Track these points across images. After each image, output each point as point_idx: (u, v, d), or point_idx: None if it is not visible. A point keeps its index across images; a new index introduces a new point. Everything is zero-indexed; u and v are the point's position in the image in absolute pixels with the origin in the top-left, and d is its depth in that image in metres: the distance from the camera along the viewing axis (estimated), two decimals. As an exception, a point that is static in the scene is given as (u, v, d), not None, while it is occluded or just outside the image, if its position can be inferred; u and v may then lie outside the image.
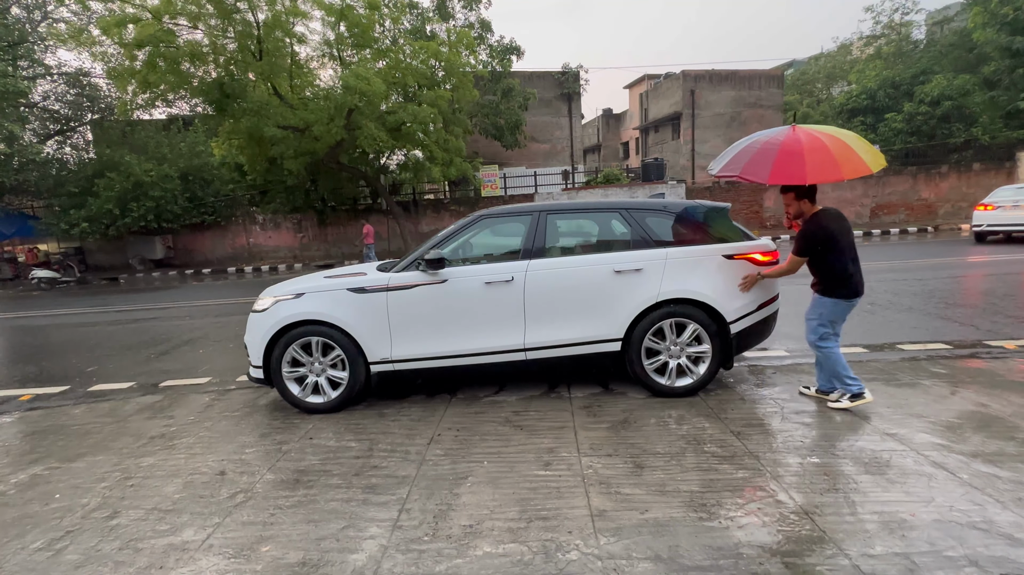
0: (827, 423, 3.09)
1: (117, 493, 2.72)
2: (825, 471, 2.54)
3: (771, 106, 25.76)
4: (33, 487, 2.86)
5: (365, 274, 3.78)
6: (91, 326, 8.24)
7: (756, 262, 3.63)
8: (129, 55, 12.90)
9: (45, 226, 17.68)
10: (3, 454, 3.35)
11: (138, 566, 2.12)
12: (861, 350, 4.54)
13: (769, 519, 2.19)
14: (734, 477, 2.54)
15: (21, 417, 4.08)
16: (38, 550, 2.27)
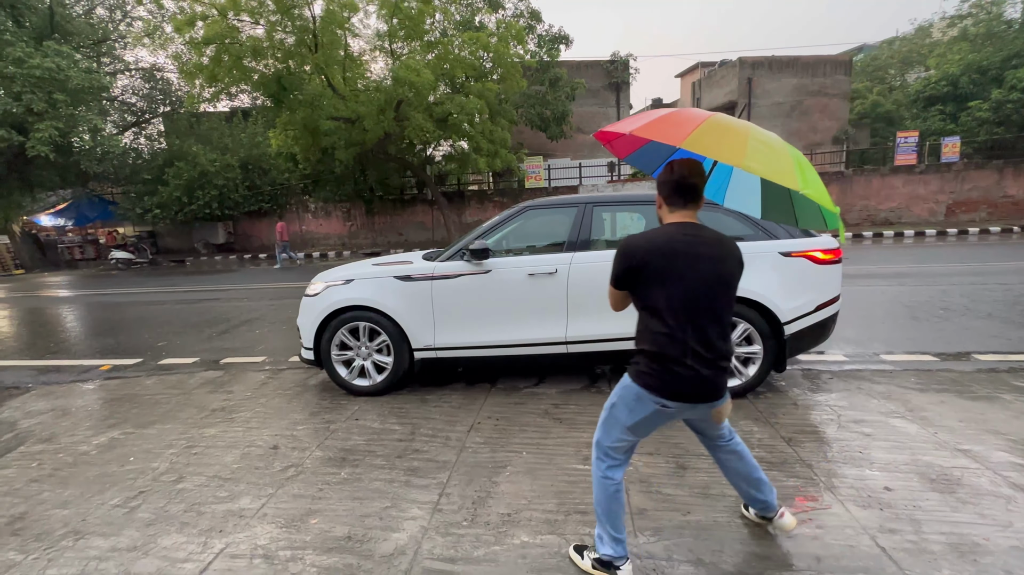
0: (890, 435, 2.89)
1: (183, 459, 2.94)
2: (887, 485, 2.38)
3: (836, 94, 24.09)
4: (111, 449, 3.13)
5: (411, 263, 3.86)
6: (161, 304, 8.90)
7: (816, 260, 3.43)
8: (198, 51, 13.68)
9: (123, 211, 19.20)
10: (86, 418, 3.69)
11: (200, 528, 2.28)
12: (931, 358, 4.21)
13: (822, 531, 2.08)
14: (784, 485, 2.43)
15: (101, 385, 4.47)
16: (116, 506, 2.48)
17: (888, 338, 4.80)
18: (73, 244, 20.12)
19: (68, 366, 5.20)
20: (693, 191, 1.75)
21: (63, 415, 3.75)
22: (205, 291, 10.27)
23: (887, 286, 7.24)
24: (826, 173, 17.65)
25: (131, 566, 2.04)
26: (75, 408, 3.89)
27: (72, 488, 2.68)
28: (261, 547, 2.12)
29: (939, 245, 12.35)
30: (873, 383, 3.67)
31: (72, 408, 3.89)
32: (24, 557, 2.14)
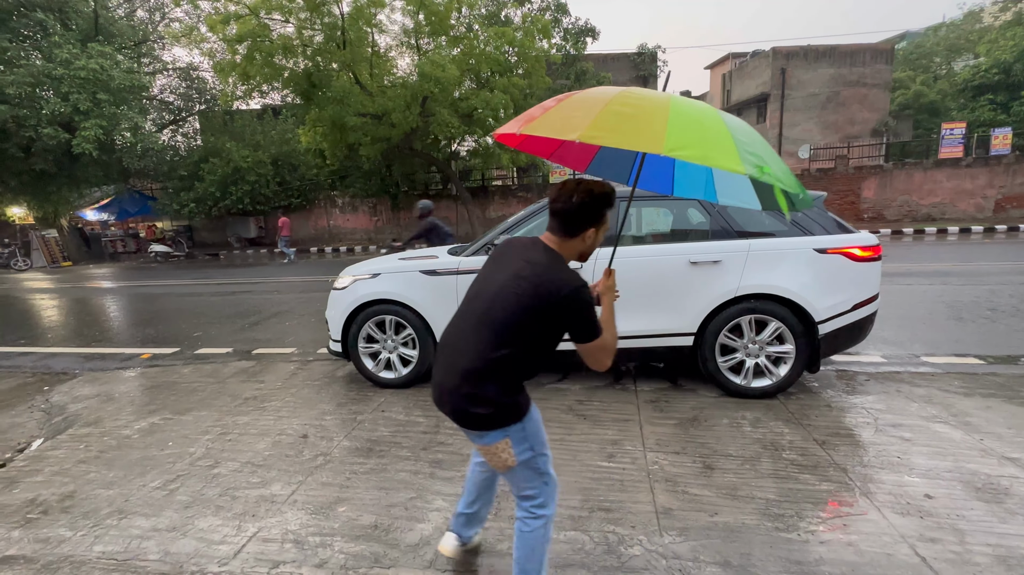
0: (932, 440, 2.77)
1: (218, 446, 3.05)
2: (927, 493, 2.29)
3: (876, 84, 23.05)
4: (152, 434, 3.27)
5: (437, 257, 3.89)
6: (196, 296, 9.24)
7: (854, 257, 3.30)
8: (231, 50, 14.07)
9: (161, 206, 19.95)
10: (128, 403, 3.86)
11: (235, 511, 2.36)
12: (976, 361, 4.01)
13: (857, 538, 2.01)
14: (817, 489, 2.36)
15: (142, 373, 4.68)
16: (156, 489, 2.60)
17: (930, 339, 4.59)
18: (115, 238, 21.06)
19: (112, 354, 5.45)
20: (555, 216, 1.51)
21: (108, 400, 3.94)
22: (237, 283, 10.60)
23: (929, 285, 6.91)
24: (863, 167, 16.95)
25: (170, 546, 2.14)
26: (118, 394, 4.08)
27: (116, 470, 2.81)
28: (292, 532, 2.18)
29: (986, 242, 11.72)
30: (913, 386, 3.52)
31: (116, 394, 4.08)
32: (73, 533, 2.26)
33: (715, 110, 1.52)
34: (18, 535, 2.27)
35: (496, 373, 1.46)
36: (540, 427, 1.61)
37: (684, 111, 1.42)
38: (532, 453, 1.55)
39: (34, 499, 2.55)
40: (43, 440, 3.29)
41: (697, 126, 1.39)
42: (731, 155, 1.34)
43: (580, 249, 1.55)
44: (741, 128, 1.49)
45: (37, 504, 2.51)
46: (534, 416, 1.58)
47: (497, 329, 1.46)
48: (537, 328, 1.45)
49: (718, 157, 1.33)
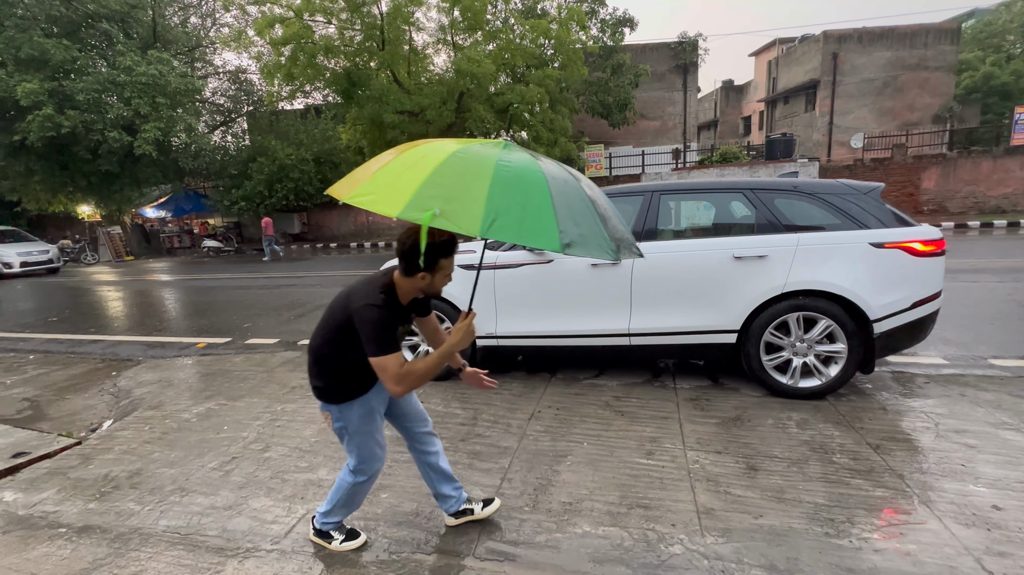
0: (1001, 448, 2.58)
1: (268, 431, 3.21)
2: (995, 503, 2.14)
3: (940, 67, 21.47)
4: (208, 418, 3.48)
5: (475, 252, 3.93)
6: (245, 289, 9.70)
7: (915, 252, 3.11)
8: (276, 52, 14.63)
9: (213, 203, 21.06)
10: (186, 389, 4.11)
11: (285, 494, 2.48)
12: (1019, 362, 3.70)
13: (915, 547, 1.91)
14: (871, 495, 2.25)
15: (198, 360, 4.97)
16: (213, 469, 2.76)
17: (999, 340, 4.27)
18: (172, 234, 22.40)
19: (170, 342, 5.81)
20: (397, 253, 1.73)
21: (168, 386, 4.21)
22: (283, 277, 11.07)
23: (998, 282, 6.41)
24: (923, 156, 15.86)
25: (227, 523, 2.27)
26: (177, 380, 4.35)
27: (177, 451, 3.01)
28: (338, 516, 2.27)
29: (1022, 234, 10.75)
30: (979, 390, 3.29)
31: (175, 380, 4.36)
32: (141, 507, 2.43)
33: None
34: (94, 507, 2.46)
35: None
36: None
37: (403, 160, 1.52)
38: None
39: (107, 475, 2.77)
40: (112, 421, 3.55)
41: (402, 171, 1.48)
42: (399, 198, 1.38)
43: (419, 286, 1.74)
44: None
45: (109, 479, 2.72)
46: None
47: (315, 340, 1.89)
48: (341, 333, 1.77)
49: (381, 201, 1.42)
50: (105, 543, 2.18)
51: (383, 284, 1.74)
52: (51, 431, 3.38)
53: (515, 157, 1.52)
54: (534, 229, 1.36)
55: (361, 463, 1.96)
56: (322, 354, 1.85)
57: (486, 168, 1.44)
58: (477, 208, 1.34)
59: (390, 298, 1.73)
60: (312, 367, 1.92)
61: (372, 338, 1.66)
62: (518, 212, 1.36)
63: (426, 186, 1.38)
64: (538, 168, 1.49)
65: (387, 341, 1.66)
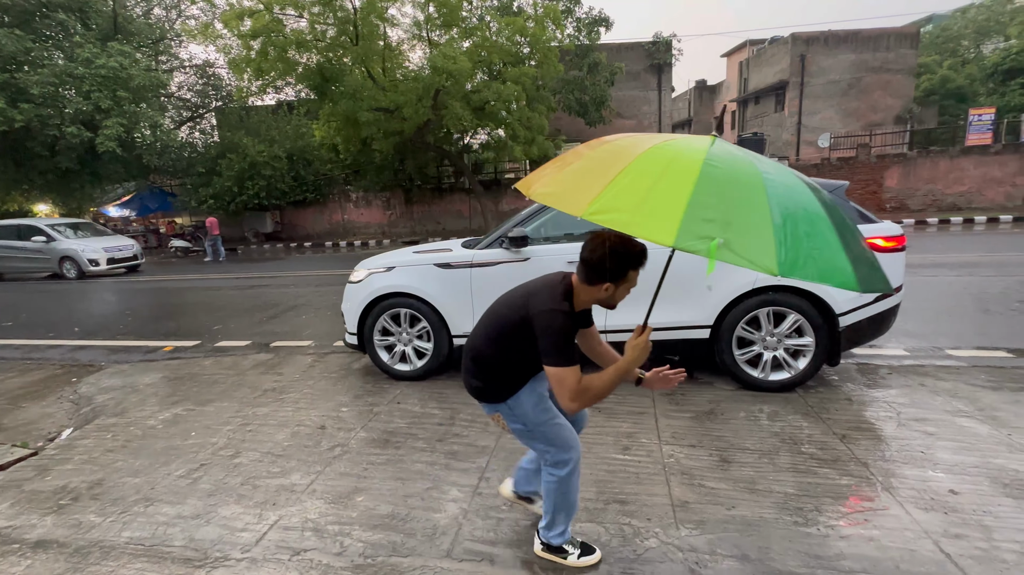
0: (957, 435, 2.70)
1: (239, 436, 3.11)
2: (952, 488, 2.24)
3: (901, 70, 22.32)
4: (175, 424, 3.36)
5: (451, 250, 3.90)
6: (215, 290, 9.42)
7: (877, 248, 3.22)
8: (245, 45, 14.20)
9: (180, 202, 20.36)
10: (152, 395, 3.96)
11: (256, 500, 2.41)
12: (1005, 354, 3.90)
13: (879, 533, 1.98)
14: (837, 483, 2.32)
15: (165, 364, 4.79)
16: (180, 477, 2.67)
17: (956, 332, 4.47)
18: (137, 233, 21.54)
19: (135, 346, 5.59)
20: (581, 262, 1.62)
21: (133, 391, 4.05)
22: (255, 278, 10.78)
23: (955, 277, 6.72)
24: (886, 155, 16.48)
25: (195, 532, 2.19)
26: (143, 385, 4.19)
27: (142, 459, 2.89)
28: (311, 521, 2.23)
29: (1016, 232, 11.34)
30: (938, 379, 3.43)
31: (140, 385, 4.19)
32: (103, 519, 2.33)
33: (729, 163, 1.27)
34: (51, 521, 2.35)
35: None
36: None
37: (646, 167, 1.27)
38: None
39: (65, 486, 2.64)
40: (72, 429, 3.40)
41: (649, 184, 1.22)
42: (668, 222, 1.14)
43: (599, 297, 1.63)
44: (733, 186, 1.22)
45: (68, 491, 2.60)
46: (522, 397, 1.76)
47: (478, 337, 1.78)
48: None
49: (646, 225, 1.16)
50: (63, 558, 2.08)
51: (564, 290, 1.63)
52: (4, 442, 3.21)
53: (764, 165, 1.30)
54: (830, 264, 1.15)
55: (560, 453, 1.75)
56: (485, 354, 1.74)
57: (754, 182, 1.21)
58: (765, 235, 1.13)
59: (571, 305, 1.62)
60: (470, 367, 1.79)
61: (555, 346, 1.54)
62: (806, 241, 1.15)
63: (693, 207, 1.15)
64: (795, 178, 1.29)
65: (569, 351, 1.56)
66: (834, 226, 1.22)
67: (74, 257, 12.45)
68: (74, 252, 12.47)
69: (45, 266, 12.75)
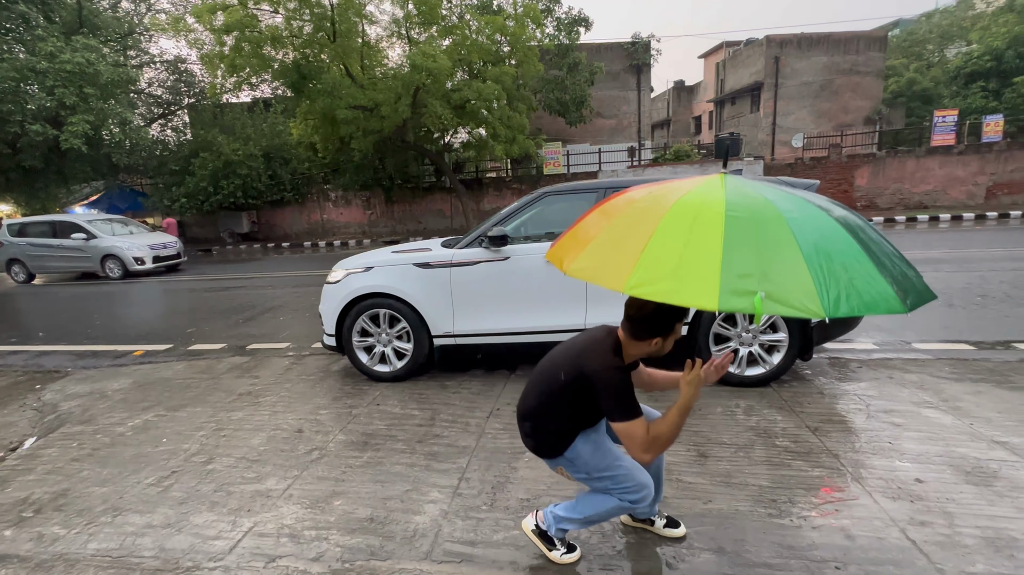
0: (923, 426, 2.80)
1: (212, 441, 3.04)
2: (918, 477, 2.31)
3: (870, 72, 23.03)
4: (145, 431, 3.26)
5: (430, 250, 3.87)
6: (189, 292, 9.17)
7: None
8: (219, 40, 13.85)
9: (151, 202, 19.74)
10: (122, 401, 3.84)
11: (230, 507, 2.36)
12: (967, 347, 4.05)
13: (849, 523, 2.04)
14: (809, 475, 2.38)
15: (135, 369, 4.64)
16: (150, 485, 2.59)
17: (922, 326, 4.63)
18: (106, 234, 20.82)
19: (104, 351, 5.41)
20: (627, 318, 1.63)
21: (100, 398, 3.91)
22: (230, 279, 10.53)
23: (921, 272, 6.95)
24: (857, 155, 16.98)
25: (165, 542, 2.13)
26: (111, 391, 4.05)
27: (110, 467, 2.80)
28: (287, 527, 2.19)
29: (977, 229, 11.81)
30: (904, 372, 3.55)
31: (108, 391, 4.06)
32: (67, 531, 2.25)
33: (744, 200, 1.27)
34: (11, 534, 2.25)
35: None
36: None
37: (672, 229, 1.25)
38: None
39: (27, 498, 2.54)
40: (36, 439, 3.27)
41: (680, 247, 1.21)
42: (707, 285, 1.14)
43: (648, 351, 1.64)
44: (763, 228, 1.21)
45: (30, 503, 2.49)
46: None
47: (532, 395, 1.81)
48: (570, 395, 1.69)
49: (688, 291, 1.16)
50: (24, 573, 2.00)
51: (612, 345, 1.65)
52: (-39, 453, 3.07)
53: (779, 199, 1.28)
54: (872, 292, 1.13)
55: (632, 493, 1.72)
56: (537, 413, 1.78)
57: (777, 222, 1.20)
58: (804, 278, 1.11)
59: (622, 359, 1.64)
60: (525, 428, 1.83)
61: (619, 403, 1.56)
62: (843, 274, 1.13)
63: (728, 263, 1.15)
64: (810, 205, 1.28)
65: (633, 405, 1.57)
66: (862, 247, 1.20)
67: (119, 255, 11.46)
68: (119, 250, 11.49)
69: (84, 265, 11.73)
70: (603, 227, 1.42)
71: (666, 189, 1.43)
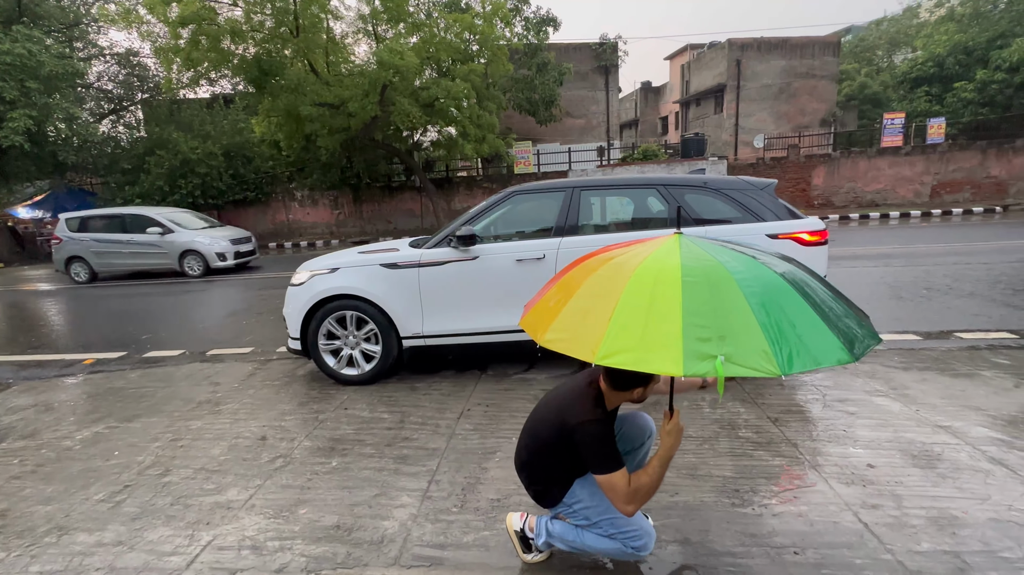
0: (874, 413, 2.94)
1: (169, 453, 2.90)
2: (870, 462, 2.43)
3: (825, 76, 24.07)
4: (95, 444, 3.08)
5: (398, 250, 3.81)
6: (146, 296, 8.75)
7: (803, 242, 3.44)
8: (173, 33, 13.24)
9: (102, 202, 18.72)
10: (69, 412, 3.62)
11: (187, 520, 2.26)
12: (914, 337, 4.28)
13: (807, 508, 2.12)
14: (770, 464, 2.46)
15: (85, 379, 4.40)
16: (100, 501, 2.45)
17: (873, 318, 4.81)
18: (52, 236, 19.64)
19: (50, 360, 5.10)
20: (606, 371, 1.66)
21: (46, 410, 3.68)
22: (191, 282, 10.11)
23: (873, 267, 7.32)
24: (813, 156, 17.71)
25: (116, 561, 2.02)
26: (58, 403, 3.82)
27: (55, 484, 2.64)
28: (249, 538, 2.11)
29: (923, 226, 12.50)
30: (858, 363, 3.72)
31: (55, 403, 3.82)
32: (7, 554, 2.10)
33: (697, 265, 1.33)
34: (-58, 560, 2.09)
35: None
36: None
37: (635, 297, 1.30)
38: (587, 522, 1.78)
39: (-39, 520, 2.36)
40: (-29, 456, 3.04)
41: (643, 315, 1.26)
42: (671, 352, 1.19)
43: (630, 398, 1.67)
44: (713, 293, 1.26)
45: (-36, 526, 2.32)
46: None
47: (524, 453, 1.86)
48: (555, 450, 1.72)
49: (654, 359, 1.21)
50: (-43, 601, 1.86)
51: (593, 396, 1.67)
52: None
53: (728, 259, 1.35)
54: (820, 346, 1.18)
55: (635, 539, 1.70)
56: (533, 465, 1.82)
57: (727, 284, 1.26)
58: (758, 339, 1.16)
59: (604, 410, 1.66)
60: (523, 479, 1.88)
61: (599, 456, 1.59)
62: (791, 332, 1.18)
63: (688, 328, 1.20)
64: (758, 265, 1.34)
65: (614, 456, 1.59)
66: (807, 301, 1.27)
67: (201, 251, 10.62)
68: (200, 245, 10.65)
69: (160, 262, 10.85)
70: (571, 295, 1.47)
71: (627, 255, 1.49)
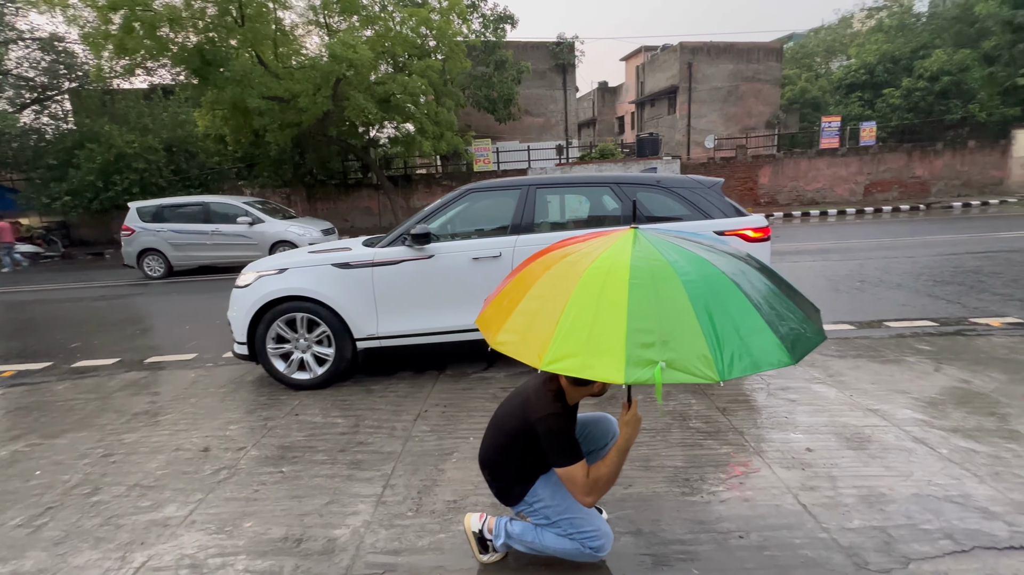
0: (813, 399, 3.11)
1: (99, 470, 2.70)
2: (808, 446, 2.57)
3: (769, 80, 25.31)
4: (13, 464, 2.82)
5: (350, 249, 3.70)
6: (75, 301, 8.11)
7: (748, 238, 3.59)
8: (103, 19, 12.30)
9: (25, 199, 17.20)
10: (-17, 431, 3.30)
11: (119, 542, 2.10)
12: (849, 327, 4.57)
13: (751, 493, 2.21)
14: (718, 452, 2.56)
15: (3, 394, 4.02)
16: (17, 527, 2.24)
17: (812, 310, 5.15)
18: (-34, 237, 17.86)
19: (-39, 374, 4.63)
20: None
21: (-46, 429, 3.34)
22: (127, 285, 9.45)
23: (812, 261, 7.77)
24: (759, 156, 18.60)
25: (36, 590, 1.86)
26: (-31, 421, 3.47)
27: (-36, 510, 2.39)
28: (188, 556, 1.99)
29: (857, 223, 13.39)
30: (799, 352, 3.93)
31: (-35, 421, 3.47)
32: (-97, 592, 1.89)
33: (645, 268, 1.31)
34: None
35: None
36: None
37: (583, 300, 1.29)
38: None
39: None
40: None
41: (590, 319, 1.25)
42: (614, 358, 1.18)
43: (590, 393, 1.70)
44: (660, 299, 1.24)
45: None
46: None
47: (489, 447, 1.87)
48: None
49: (598, 365, 1.20)
50: None
51: (554, 391, 1.68)
52: None
53: (672, 256, 1.31)
54: (762, 349, 1.17)
55: (593, 539, 1.72)
56: (496, 463, 1.84)
57: (673, 285, 1.23)
58: (699, 344, 1.15)
59: (564, 404, 1.67)
60: (487, 476, 1.89)
61: (559, 448, 1.61)
62: (734, 335, 1.17)
63: (632, 334, 1.18)
64: (707, 265, 1.32)
65: (574, 450, 1.61)
66: (750, 300, 1.27)
67: (294, 242, 9.80)
68: (294, 235, 9.91)
69: (248, 254, 9.78)
70: (523, 295, 1.45)
71: (582, 251, 1.47)
